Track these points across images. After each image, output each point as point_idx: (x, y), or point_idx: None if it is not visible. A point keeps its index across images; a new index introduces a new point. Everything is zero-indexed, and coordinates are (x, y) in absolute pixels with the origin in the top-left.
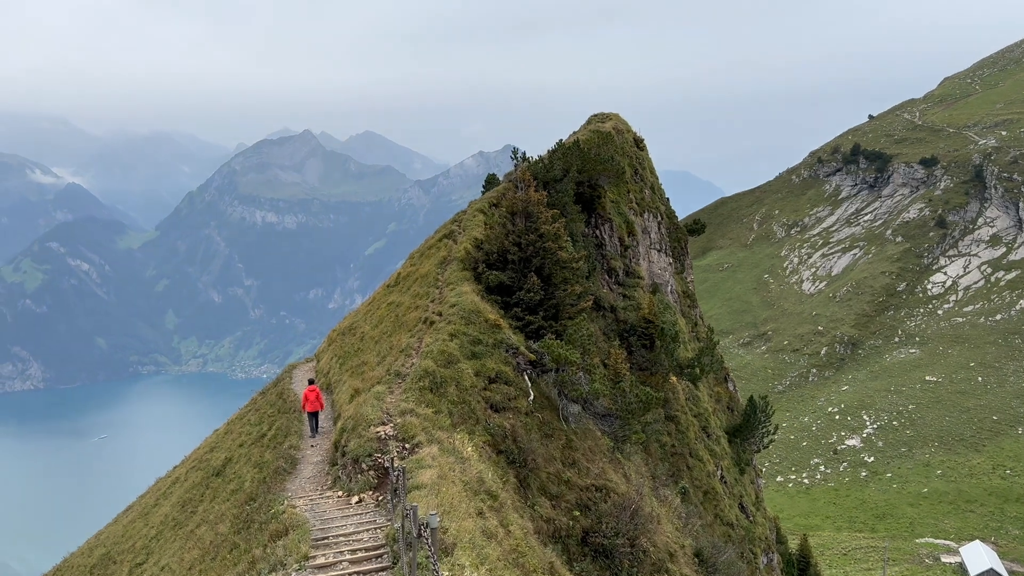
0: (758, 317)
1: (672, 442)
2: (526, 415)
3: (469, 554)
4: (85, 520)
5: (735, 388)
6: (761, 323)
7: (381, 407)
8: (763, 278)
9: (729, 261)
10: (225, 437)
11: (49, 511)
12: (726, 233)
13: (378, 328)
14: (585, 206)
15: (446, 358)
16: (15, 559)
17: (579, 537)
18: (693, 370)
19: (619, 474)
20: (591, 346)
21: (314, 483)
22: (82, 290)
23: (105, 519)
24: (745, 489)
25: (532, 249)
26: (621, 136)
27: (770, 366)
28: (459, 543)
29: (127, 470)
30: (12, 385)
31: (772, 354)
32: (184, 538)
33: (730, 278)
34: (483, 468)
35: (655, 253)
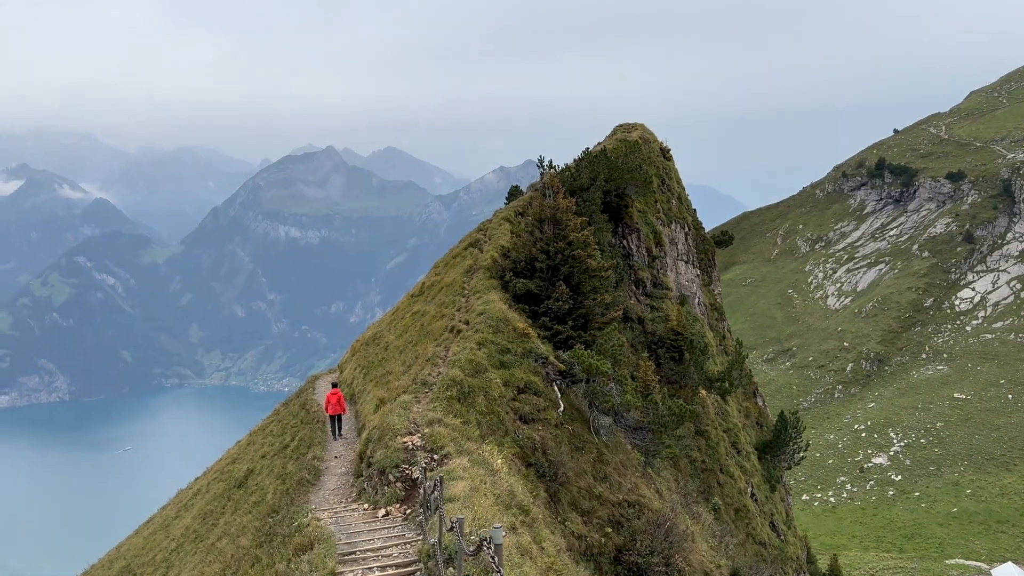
0: (782, 332)
1: (702, 458)
2: (556, 427)
3: (508, 572)
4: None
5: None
6: (785, 339)
7: (408, 416)
8: (787, 293)
9: (752, 276)
10: (247, 448)
11: (73, 523)
12: (749, 248)
13: (403, 337)
14: (612, 215)
15: (474, 367)
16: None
17: (612, 555)
18: (723, 384)
19: (652, 489)
20: (622, 357)
21: (338, 495)
22: (108, 304)
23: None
24: (776, 507)
25: (561, 257)
26: (648, 146)
27: (795, 382)
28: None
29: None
30: (38, 397)
31: (797, 370)
32: (205, 551)
33: (753, 293)
34: (513, 481)
35: (682, 264)
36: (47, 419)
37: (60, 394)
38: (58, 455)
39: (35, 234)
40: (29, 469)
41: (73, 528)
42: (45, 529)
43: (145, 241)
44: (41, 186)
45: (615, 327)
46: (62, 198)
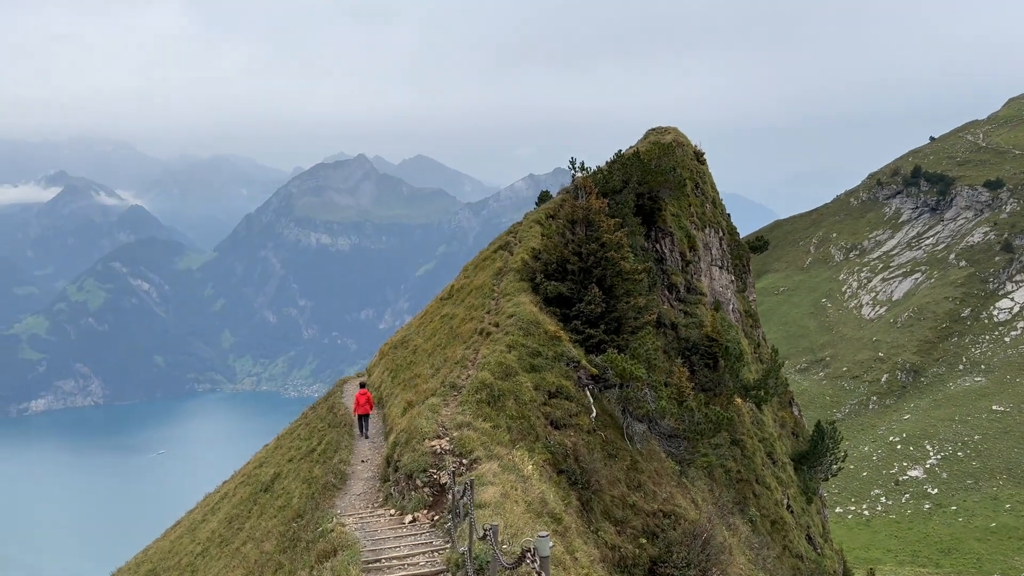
0: (815, 342)
1: (738, 468)
2: (588, 433)
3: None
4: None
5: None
6: (819, 348)
7: (436, 420)
8: (821, 302)
9: (785, 284)
10: (274, 452)
11: (107, 525)
12: (782, 256)
13: (431, 340)
14: (645, 219)
15: (504, 370)
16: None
17: (646, 567)
18: (759, 392)
19: (687, 500)
20: (656, 362)
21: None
22: (142, 309)
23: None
24: (812, 519)
25: (593, 259)
26: (681, 149)
27: (828, 393)
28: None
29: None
30: (74, 401)
31: (830, 380)
32: (229, 556)
33: (786, 302)
34: (545, 488)
35: (716, 270)
36: (82, 422)
37: (95, 398)
38: (93, 458)
39: (72, 240)
40: (65, 472)
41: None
42: (81, 531)
43: (179, 247)
44: (78, 193)
45: (649, 331)
46: (99, 205)
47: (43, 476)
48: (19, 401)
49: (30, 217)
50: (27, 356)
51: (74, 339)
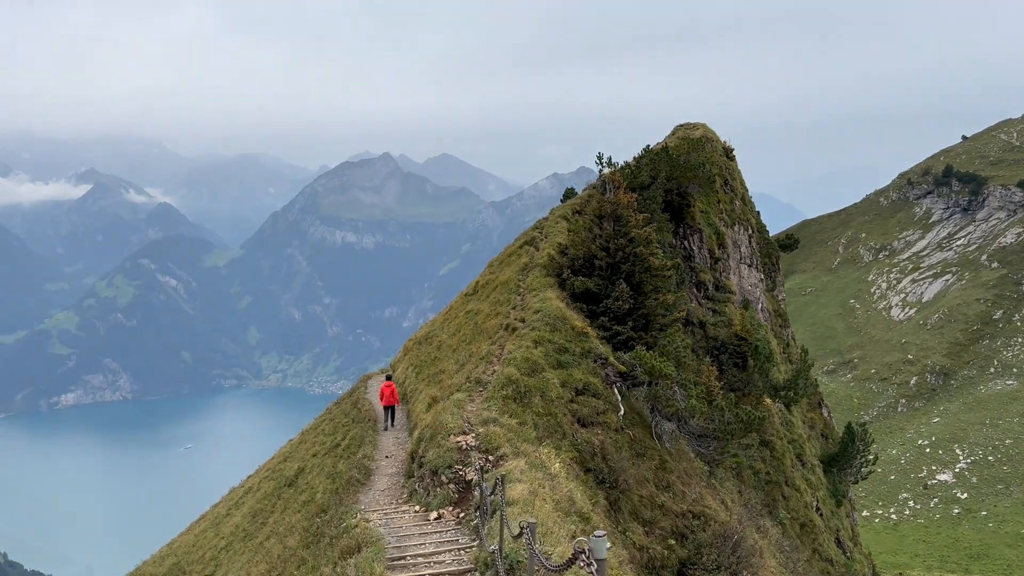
0: (843, 344)
1: (766, 469)
2: (616, 431)
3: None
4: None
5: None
6: (846, 350)
7: (461, 415)
8: (849, 303)
9: (813, 285)
10: (299, 447)
11: (134, 517)
12: (809, 256)
13: (456, 336)
14: (673, 215)
15: (530, 366)
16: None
17: (675, 568)
18: (788, 393)
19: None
20: (685, 360)
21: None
22: (170, 305)
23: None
24: (842, 523)
25: (621, 255)
26: (711, 145)
27: (856, 395)
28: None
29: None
30: (102, 395)
31: (858, 383)
32: (252, 551)
33: (814, 303)
34: (572, 487)
35: (745, 268)
36: (111, 417)
37: (123, 393)
38: (121, 452)
39: (101, 237)
40: (93, 465)
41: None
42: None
43: (207, 245)
44: (108, 190)
45: (678, 329)
46: (128, 202)
47: (72, 469)
48: (49, 395)
49: (61, 214)
50: (57, 351)
51: (103, 335)
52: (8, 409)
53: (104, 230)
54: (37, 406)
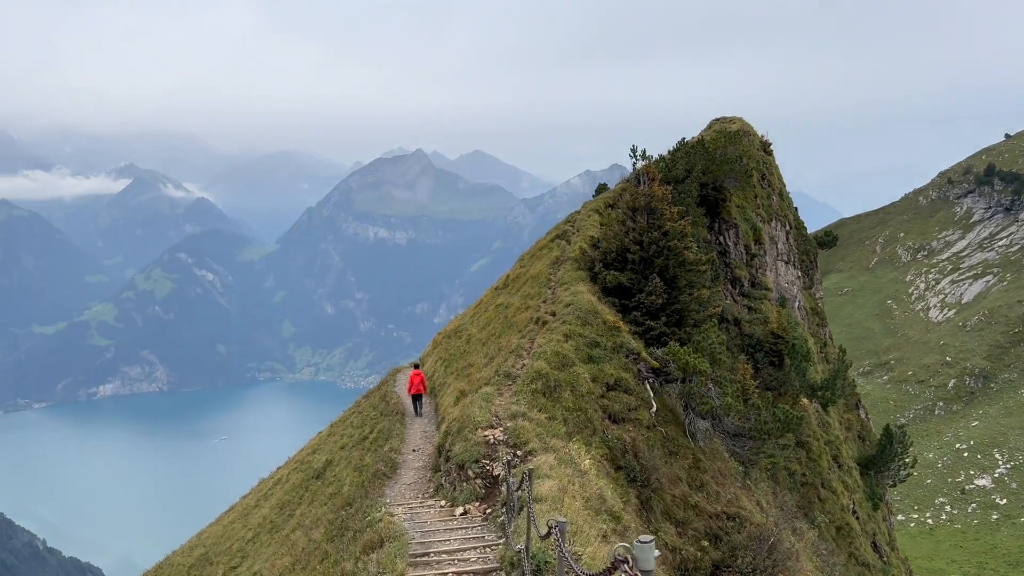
0: (880, 345)
1: (802, 470)
2: (648, 428)
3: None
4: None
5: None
6: (883, 351)
7: (489, 409)
8: (886, 304)
9: (849, 285)
10: (327, 439)
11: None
12: (846, 256)
13: (485, 330)
14: (708, 210)
15: (560, 360)
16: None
17: (708, 571)
18: (826, 393)
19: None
20: (721, 356)
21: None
22: (206, 299)
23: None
24: (878, 526)
25: (655, 248)
26: (748, 138)
27: (892, 397)
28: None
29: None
30: (139, 387)
31: (895, 385)
32: (279, 543)
33: (850, 303)
34: (603, 484)
35: (782, 265)
36: (148, 408)
37: (160, 384)
38: (158, 442)
39: (140, 231)
40: (131, 455)
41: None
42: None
43: (243, 239)
44: (147, 185)
45: (713, 324)
46: (166, 197)
47: (109, 459)
48: (88, 386)
49: (101, 208)
50: (96, 342)
51: (141, 327)
52: (48, 399)
53: (143, 224)
54: (76, 396)
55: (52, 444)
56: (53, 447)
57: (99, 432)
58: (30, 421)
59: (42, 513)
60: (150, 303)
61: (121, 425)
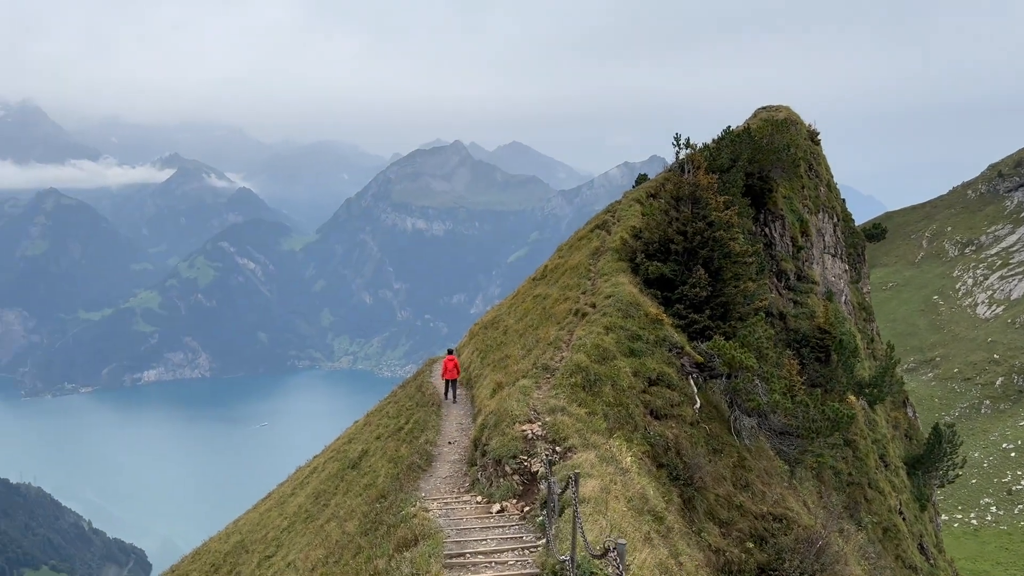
0: (925, 341)
1: (848, 470)
2: (691, 425)
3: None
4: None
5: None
6: (928, 348)
7: (527, 403)
8: (932, 299)
9: (894, 280)
10: (363, 429)
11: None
12: (891, 250)
13: (523, 321)
14: (754, 200)
15: (600, 353)
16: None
17: (753, 574)
18: (874, 390)
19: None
20: (768, 351)
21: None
22: (248, 287)
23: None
24: (925, 528)
25: (700, 239)
26: (795, 128)
27: (937, 395)
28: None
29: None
30: (182, 373)
31: (940, 382)
32: (313, 533)
33: (895, 298)
34: (645, 483)
35: (829, 258)
36: (190, 393)
37: (202, 371)
38: (199, 428)
39: (184, 220)
40: (174, 440)
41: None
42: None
43: (284, 229)
44: (191, 175)
45: (760, 318)
46: (209, 186)
47: (152, 443)
48: (133, 371)
49: (146, 197)
50: (141, 329)
51: (184, 314)
52: (94, 383)
53: (187, 213)
54: (121, 381)
55: (98, 428)
56: (99, 431)
57: (143, 417)
58: (77, 405)
59: (88, 495)
60: (193, 291)
61: (164, 410)
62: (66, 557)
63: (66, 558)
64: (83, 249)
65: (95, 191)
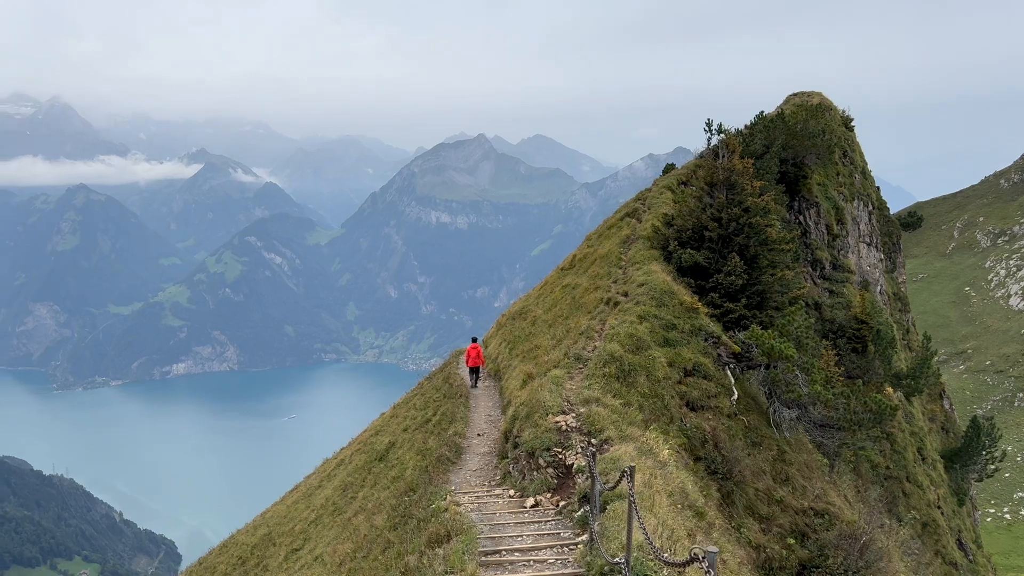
0: (956, 333)
1: (886, 463)
2: (728, 417)
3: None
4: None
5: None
6: (960, 340)
7: (560, 393)
8: (963, 291)
9: (925, 271)
10: (391, 421)
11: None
12: (922, 241)
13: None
14: (788, 187)
15: (635, 343)
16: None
17: (795, 571)
18: (912, 382)
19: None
20: (808, 341)
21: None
22: (275, 281)
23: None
24: (963, 523)
25: (735, 225)
26: (829, 113)
27: (969, 387)
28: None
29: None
30: (211, 366)
31: (972, 374)
32: (340, 526)
33: (925, 289)
34: (684, 477)
35: (864, 247)
36: (218, 386)
37: (230, 364)
38: (228, 420)
39: (211, 215)
40: (203, 432)
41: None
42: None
43: (310, 224)
44: (218, 170)
45: (799, 307)
46: (236, 182)
47: (182, 435)
48: (162, 365)
49: (174, 192)
50: (170, 323)
51: (212, 308)
52: (125, 376)
53: (214, 208)
54: (151, 374)
55: (128, 421)
56: (129, 424)
57: (172, 409)
58: (108, 398)
59: (119, 487)
60: (221, 285)
61: (193, 403)
62: (98, 548)
63: (98, 549)
64: (113, 244)
65: (124, 187)
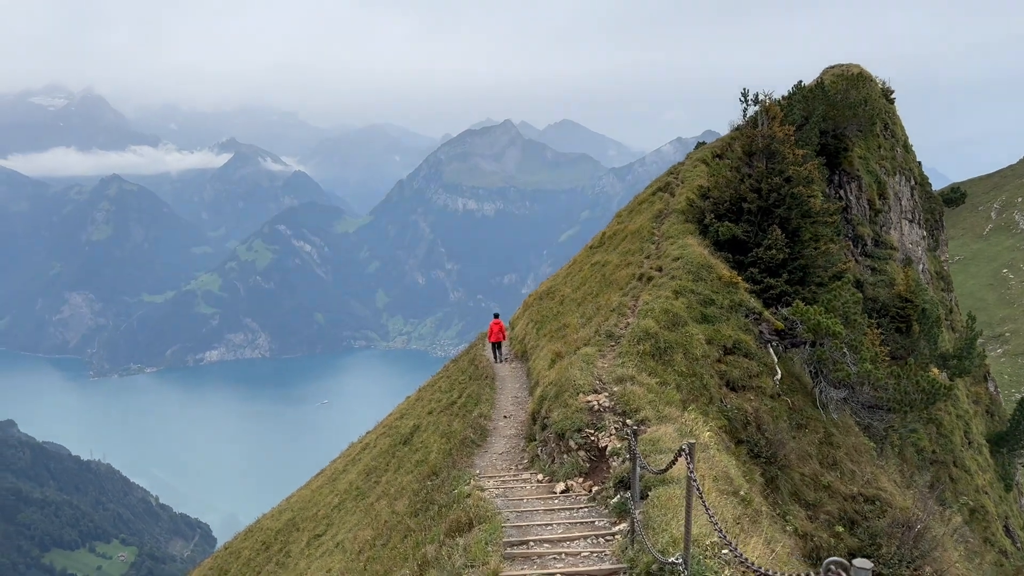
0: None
1: (932, 447)
2: (771, 397)
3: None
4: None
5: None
6: (997, 323)
7: (591, 372)
8: (1001, 273)
9: (961, 253)
10: (416, 404)
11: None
12: (958, 222)
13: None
14: (828, 160)
15: (671, 319)
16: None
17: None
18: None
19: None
20: (856, 317)
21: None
22: (304, 269)
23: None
24: (1011, 509)
25: (776, 196)
26: (869, 84)
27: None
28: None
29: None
30: (243, 353)
31: (1009, 358)
32: (363, 511)
33: (962, 272)
34: (726, 461)
35: (906, 223)
36: (250, 373)
37: (262, 351)
38: (261, 406)
39: (242, 203)
40: (236, 418)
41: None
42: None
43: (338, 212)
44: (247, 159)
45: (847, 281)
46: (265, 170)
47: (216, 421)
48: (195, 352)
49: (205, 181)
50: (202, 311)
51: (244, 296)
52: (158, 364)
53: (244, 197)
54: (184, 362)
55: (163, 407)
56: (164, 410)
57: (206, 396)
58: (142, 385)
59: (155, 472)
60: (252, 273)
61: (226, 389)
62: (135, 531)
63: (135, 532)
64: (146, 233)
65: (156, 176)
